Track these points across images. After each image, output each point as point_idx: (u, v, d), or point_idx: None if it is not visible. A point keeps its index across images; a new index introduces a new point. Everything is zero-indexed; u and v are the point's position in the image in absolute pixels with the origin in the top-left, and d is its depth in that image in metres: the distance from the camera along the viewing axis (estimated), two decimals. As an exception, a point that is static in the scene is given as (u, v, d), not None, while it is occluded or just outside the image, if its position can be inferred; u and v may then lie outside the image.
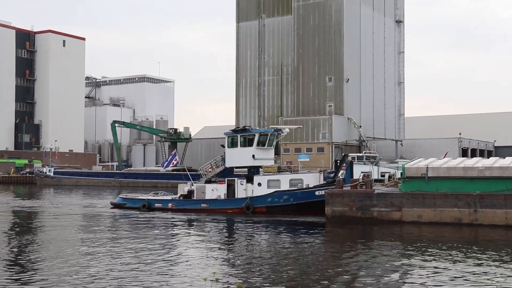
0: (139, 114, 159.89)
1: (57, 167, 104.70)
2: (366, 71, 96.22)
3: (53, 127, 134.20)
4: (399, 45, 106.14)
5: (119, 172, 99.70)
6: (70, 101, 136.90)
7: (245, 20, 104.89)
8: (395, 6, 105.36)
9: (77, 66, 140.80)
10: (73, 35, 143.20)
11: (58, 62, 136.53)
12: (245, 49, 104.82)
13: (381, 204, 32.96)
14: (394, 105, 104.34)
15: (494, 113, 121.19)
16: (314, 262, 21.37)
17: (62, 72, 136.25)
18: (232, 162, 41.37)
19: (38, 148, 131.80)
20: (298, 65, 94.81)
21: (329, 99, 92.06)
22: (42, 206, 48.94)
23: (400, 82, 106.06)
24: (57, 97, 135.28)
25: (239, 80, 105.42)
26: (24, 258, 21.66)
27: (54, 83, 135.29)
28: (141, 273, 18.72)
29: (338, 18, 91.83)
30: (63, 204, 50.39)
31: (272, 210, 38.40)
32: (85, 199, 59.78)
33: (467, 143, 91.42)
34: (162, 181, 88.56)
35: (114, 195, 68.14)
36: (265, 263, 20.93)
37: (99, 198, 60.97)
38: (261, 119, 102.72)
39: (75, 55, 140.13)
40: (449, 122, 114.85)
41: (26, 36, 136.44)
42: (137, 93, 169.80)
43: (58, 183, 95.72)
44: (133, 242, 25.84)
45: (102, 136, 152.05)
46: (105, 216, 39.43)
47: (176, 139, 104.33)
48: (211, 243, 27.11)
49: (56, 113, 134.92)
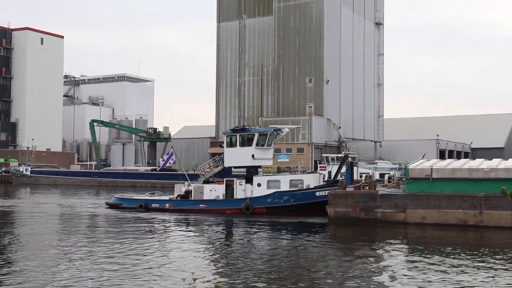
0: (118, 113, 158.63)
1: (34, 166, 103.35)
2: (346, 73, 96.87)
3: (30, 126, 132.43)
4: (379, 47, 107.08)
5: (98, 172, 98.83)
6: (48, 99, 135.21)
7: (225, 20, 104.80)
8: (375, 9, 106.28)
9: (55, 64, 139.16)
10: (51, 33, 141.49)
11: (36, 60, 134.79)
12: (226, 50, 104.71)
13: (385, 205, 32.63)
14: (373, 106, 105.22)
15: (470, 116, 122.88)
16: (310, 263, 21.13)
17: (40, 70, 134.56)
18: (231, 161, 40.83)
19: (15, 146, 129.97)
20: (279, 66, 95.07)
21: (309, 100, 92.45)
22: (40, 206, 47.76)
23: (379, 84, 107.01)
24: (35, 95, 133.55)
25: (219, 80, 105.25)
26: (8, 260, 21.38)
27: (32, 81, 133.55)
28: (123, 273, 18.65)
29: (318, 20, 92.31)
30: (54, 205, 49.12)
31: (272, 211, 37.94)
32: (70, 198, 59.02)
33: (445, 144, 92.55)
34: (141, 180, 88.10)
35: (92, 194, 67.52)
36: (257, 264, 20.75)
37: (81, 197, 60.32)
38: (241, 120, 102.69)
39: (53, 53, 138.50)
40: (427, 124, 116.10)
41: (3, 33, 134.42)
42: (117, 92, 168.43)
43: (35, 182, 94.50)
44: (124, 242, 25.71)
45: (80, 135, 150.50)
46: (102, 217, 38.66)
47: (155, 139, 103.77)
48: (205, 243, 26.91)
49: (34, 111, 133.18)
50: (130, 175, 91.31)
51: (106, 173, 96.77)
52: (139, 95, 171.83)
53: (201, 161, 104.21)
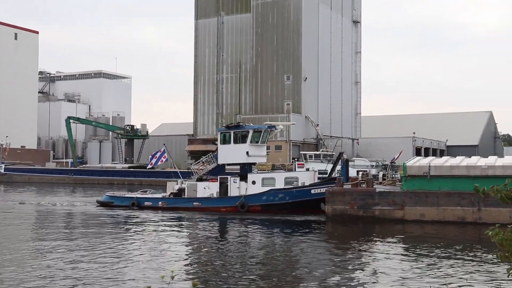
0: (95, 110, 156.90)
1: (8, 163, 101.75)
2: (324, 70, 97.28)
3: (4, 122, 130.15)
4: (356, 45, 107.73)
5: (74, 169, 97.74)
6: (22, 95, 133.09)
7: (203, 17, 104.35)
8: (353, 7, 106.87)
9: (30, 60, 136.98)
10: (26, 28, 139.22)
11: (10, 56, 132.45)
12: (204, 47, 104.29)
13: (383, 202, 32.50)
14: (350, 104, 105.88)
15: (446, 114, 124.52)
16: (305, 261, 20.99)
17: (14, 65, 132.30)
18: (225, 159, 40.44)
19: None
20: (257, 63, 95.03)
21: (287, 98, 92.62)
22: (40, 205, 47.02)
23: (356, 81, 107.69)
24: (8, 91, 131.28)
25: (197, 78, 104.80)
26: None
27: (5, 76, 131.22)
28: (104, 270, 18.53)
29: (296, 17, 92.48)
30: (46, 204, 47.77)
31: (267, 208, 37.62)
32: (57, 196, 58.21)
33: (421, 142, 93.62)
34: (118, 178, 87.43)
35: (68, 192, 66.77)
36: (247, 262, 20.57)
37: (57, 195, 59.56)
38: (219, 117, 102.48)
39: (28, 49, 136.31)
40: (403, 121, 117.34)
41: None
42: (93, 89, 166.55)
43: (9, 180, 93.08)
44: (111, 240, 25.52)
45: (56, 132, 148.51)
46: (93, 215, 37.99)
47: (133, 136, 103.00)
48: (197, 241, 26.72)
49: (7, 108, 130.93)
50: (107, 173, 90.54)
51: (83, 170, 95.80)
52: (116, 92, 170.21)
53: (179, 159, 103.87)
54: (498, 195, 6.64)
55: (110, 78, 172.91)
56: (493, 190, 6.66)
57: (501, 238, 6.43)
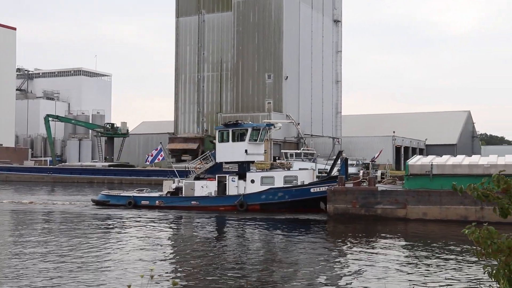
0: (75, 108, 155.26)
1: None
2: (305, 69, 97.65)
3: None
4: (337, 44, 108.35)
5: (53, 168, 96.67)
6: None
7: (184, 15, 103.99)
8: (333, 6, 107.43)
9: (7, 57, 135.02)
10: (3, 25, 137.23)
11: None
12: (185, 45, 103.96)
13: (386, 201, 32.33)
14: (331, 103, 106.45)
15: (425, 113, 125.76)
16: (305, 259, 20.84)
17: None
18: (223, 157, 40.12)
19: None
20: (238, 62, 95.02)
21: (268, 96, 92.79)
22: None
23: (337, 80, 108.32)
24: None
25: (178, 76, 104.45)
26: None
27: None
28: (86, 269, 18.46)
29: (277, 16, 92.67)
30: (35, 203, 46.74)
31: (266, 207, 37.40)
32: (48, 195, 57.53)
33: (401, 141, 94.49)
34: (98, 176, 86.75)
35: (47, 191, 66.09)
36: (239, 262, 20.45)
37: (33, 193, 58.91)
38: (200, 115, 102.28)
39: (5, 45, 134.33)
40: (383, 120, 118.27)
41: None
42: (73, 86, 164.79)
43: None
44: (102, 240, 25.40)
45: (35, 130, 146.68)
46: (89, 215, 37.32)
47: (113, 134, 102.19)
48: (190, 240, 26.59)
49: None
50: (86, 171, 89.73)
51: (62, 169, 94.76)
52: (96, 90, 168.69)
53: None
54: (475, 193, 6.81)
55: (90, 75, 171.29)
56: (470, 188, 6.82)
57: (477, 236, 6.59)
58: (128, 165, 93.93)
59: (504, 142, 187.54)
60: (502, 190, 6.81)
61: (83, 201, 47.05)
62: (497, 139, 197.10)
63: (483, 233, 6.65)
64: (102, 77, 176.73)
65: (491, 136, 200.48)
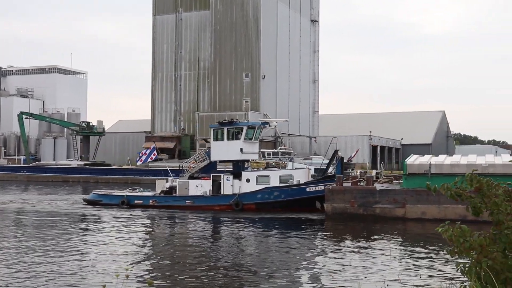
0: (49, 106, 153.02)
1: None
2: (282, 69, 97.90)
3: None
4: (314, 44, 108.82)
5: (27, 166, 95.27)
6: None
7: (161, 13, 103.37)
8: (311, 6, 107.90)
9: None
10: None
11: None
12: (162, 43, 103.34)
13: (384, 201, 32.23)
14: (308, 102, 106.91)
15: (401, 112, 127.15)
16: (301, 259, 20.66)
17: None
18: (218, 155, 39.77)
19: None
20: (215, 61, 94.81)
21: (245, 95, 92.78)
22: None
23: (314, 80, 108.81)
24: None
25: (155, 74, 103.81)
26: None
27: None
28: (61, 269, 18.29)
29: (255, 15, 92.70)
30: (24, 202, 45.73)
31: (262, 206, 37.17)
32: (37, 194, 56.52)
33: (377, 140, 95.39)
34: (73, 175, 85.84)
35: (21, 190, 65.14)
36: (227, 261, 20.25)
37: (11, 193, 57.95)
38: (177, 114, 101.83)
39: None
40: (360, 120, 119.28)
41: None
42: (47, 84, 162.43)
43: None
44: (85, 239, 25.17)
45: (8, 129, 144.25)
46: (81, 214, 36.59)
47: (88, 133, 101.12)
48: (180, 239, 26.40)
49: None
50: (61, 170, 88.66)
51: (36, 167, 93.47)
52: (72, 88, 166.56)
53: (136, 156, 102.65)
54: (448, 193, 6.95)
55: (65, 73, 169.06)
56: (443, 188, 6.96)
57: (450, 234, 6.73)
58: (104, 164, 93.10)
59: (477, 142, 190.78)
60: (474, 189, 6.95)
61: (65, 201, 46.17)
62: (470, 139, 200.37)
63: (456, 231, 6.79)
64: (77, 75, 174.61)
65: (465, 136, 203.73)
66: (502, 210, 6.72)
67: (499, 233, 6.70)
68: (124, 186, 72.71)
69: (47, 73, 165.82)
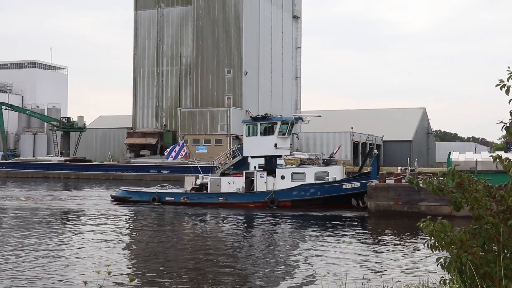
0: (29, 101, 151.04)
1: None
2: (264, 65, 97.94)
3: None
4: (296, 41, 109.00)
5: (6, 162, 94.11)
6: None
7: (143, 8, 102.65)
8: (293, 2, 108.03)
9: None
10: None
11: None
12: (143, 38, 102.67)
13: (430, 198, 31.56)
14: (290, 99, 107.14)
15: (382, 109, 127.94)
16: (341, 258, 20.00)
17: None
18: (251, 151, 39.17)
19: None
20: (197, 57, 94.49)
21: (227, 91, 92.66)
22: None
23: (296, 76, 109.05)
24: None
25: (136, 70, 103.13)
26: None
27: None
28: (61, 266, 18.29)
29: (237, 11, 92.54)
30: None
31: (297, 204, 36.53)
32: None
33: (358, 137, 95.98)
34: (53, 171, 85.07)
35: (2, 186, 64.38)
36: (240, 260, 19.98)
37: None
38: (159, 110, 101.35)
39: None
40: (341, 116, 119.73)
41: None
42: (27, 79, 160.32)
43: None
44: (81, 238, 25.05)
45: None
46: (112, 211, 35.88)
47: (69, 128, 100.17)
48: (221, 236, 26.07)
49: None
50: (41, 166, 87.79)
51: (15, 163, 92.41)
52: (52, 83, 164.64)
53: (117, 152, 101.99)
54: (430, 187, 7.06)
55: (45, 68, 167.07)
56: (425, 183, 7.05)
57: (432, 229, 6.82)
58: (85, 160, 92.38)
59: (457, 139, 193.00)
60: (456, 184, 7.05)
61: (102, 197, 45.00)
62: (450, 136, 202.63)
63: (437, 226, 6.88)
64: (58, 70, 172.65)
65: (445, 132, 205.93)
66: (482, 205, 6.83)
67: (479, 228, 6.81)
68: (106, 182, 72.21)
69: (26, 67, 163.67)
